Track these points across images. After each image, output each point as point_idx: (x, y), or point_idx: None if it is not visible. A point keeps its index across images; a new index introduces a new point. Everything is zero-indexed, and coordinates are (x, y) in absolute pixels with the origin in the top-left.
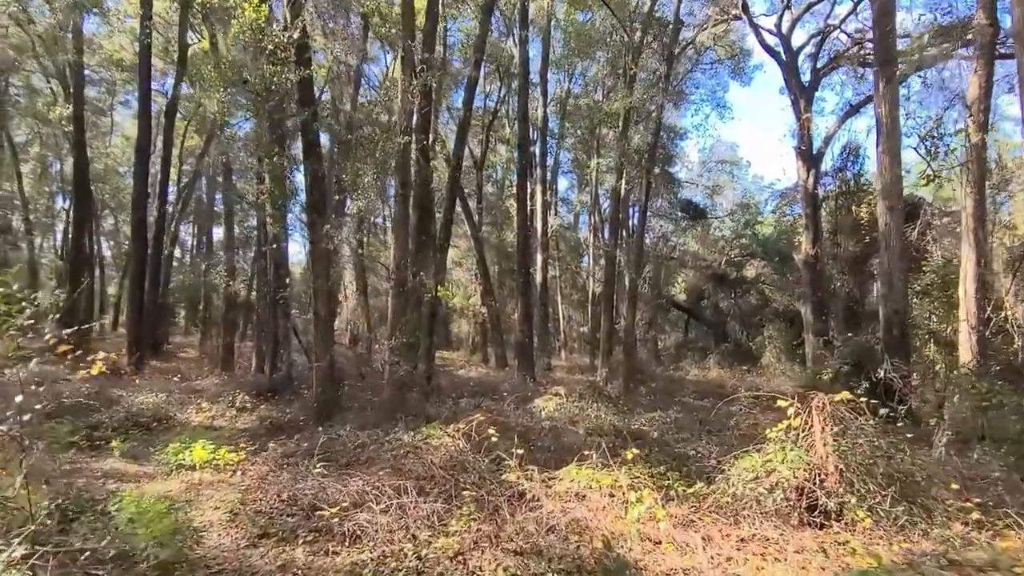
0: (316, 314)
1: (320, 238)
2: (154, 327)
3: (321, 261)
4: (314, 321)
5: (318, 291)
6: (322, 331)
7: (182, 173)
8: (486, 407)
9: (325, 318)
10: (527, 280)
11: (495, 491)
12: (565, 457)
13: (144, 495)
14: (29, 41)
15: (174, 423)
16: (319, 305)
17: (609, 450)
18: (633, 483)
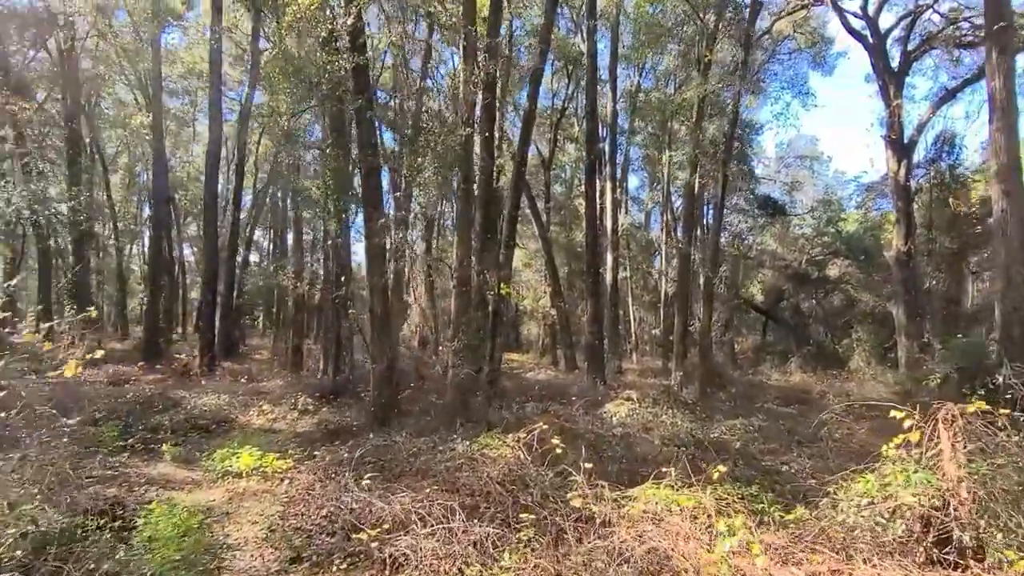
0: (372, 313)
1: (375, 232)
2: (229, 329)
3: (376, 257)
4: (370, 320)
5: (374, 288)
6: (379, 331)
7: (257, 180)
8: (553, 412)
9: (382, 317)
10: (597, 280)
11: (559, 512)
12: (639, 470)
13: (179, 506)
14: (115, 54)
15: (234, 425)
16: (375, 303)
17: (689, 463)
18: (720, 506)
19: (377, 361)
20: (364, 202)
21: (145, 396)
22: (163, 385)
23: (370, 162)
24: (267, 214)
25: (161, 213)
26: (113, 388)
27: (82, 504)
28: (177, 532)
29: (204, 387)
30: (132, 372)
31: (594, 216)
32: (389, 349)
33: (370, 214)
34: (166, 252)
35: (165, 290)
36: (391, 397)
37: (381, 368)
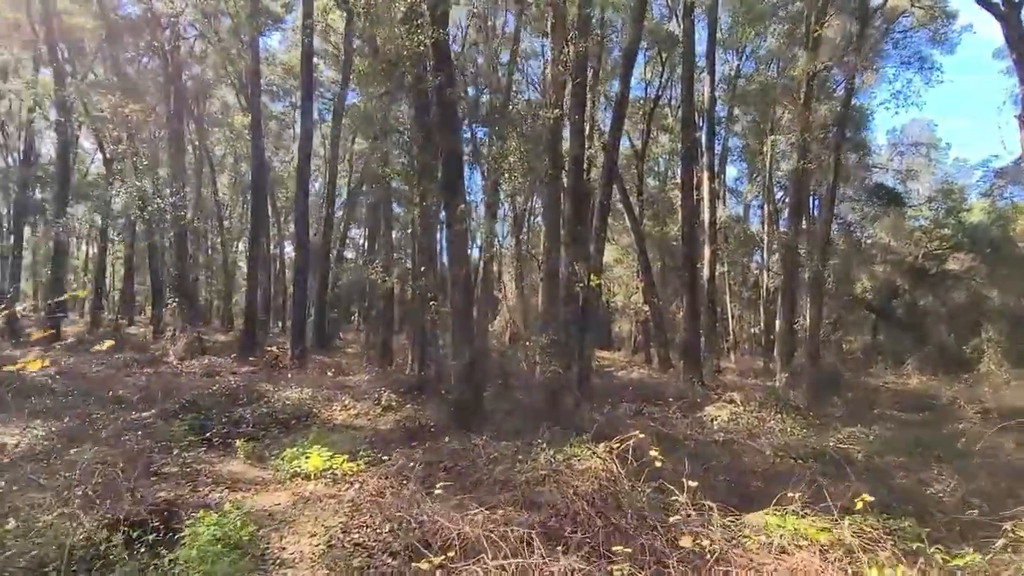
0: (453, 306)
1: (455, 219)
2: (321, 323)
3: (457, 246)
4: (451, 313)
5: (455, 280)
6: (460, 325)
7: (352, 179)
8: (648, 415)
9: (463, 309)
10: (694, 275)
11: (659, 538)
12: (750, 485)
13: (233, 514)
14: (217, 56)
15: (315, 421)
16: (456, 296)
17: (810, 482)
18: (863, 542)
19: (458, 357)
20: (443, 187)
21: (231, 388)
22: (252, 377)
23: (450, 143)
24: (361, 211)
25: (259, 209)
26: (206, 380)
27: (124, 510)
28: (223, 547)
29: (291, 380)
30: (226, 364)
31: (691, 207)
32: (471, 345)
33: (449, 200)
34: (264, 248)
35: (263, 285)
36: (473, 396)
37: (462, 365)
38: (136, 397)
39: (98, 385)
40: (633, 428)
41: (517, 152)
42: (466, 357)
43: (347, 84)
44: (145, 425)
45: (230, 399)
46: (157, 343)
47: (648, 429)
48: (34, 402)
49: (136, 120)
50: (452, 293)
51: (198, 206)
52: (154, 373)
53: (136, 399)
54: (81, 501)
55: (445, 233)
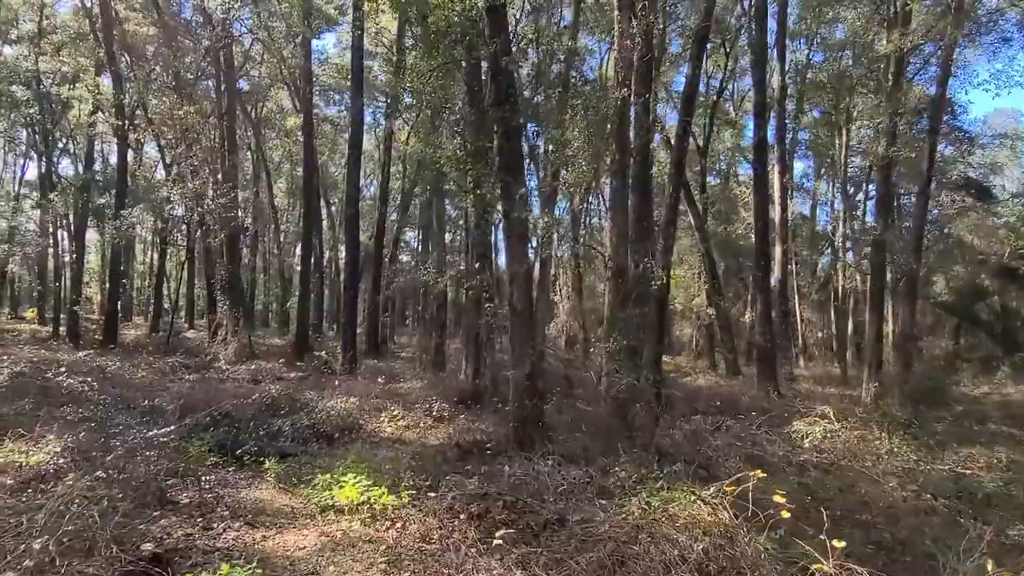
0: (512, 307)
1: (514, 207)
2: (373, 327)
3: (517, 239)
4: (510, 316)
5: (514, 277)
6: (519, 329)
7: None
8: (728, 430)
9: (522, 311)
10: (767, 274)
11: None
12: (883, 531)
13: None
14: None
15: (360, 434)
16: (516, 295)
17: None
18: None
19: (517, 366)
20: (501, 170)
21: (273, 397)
22: (299, 384)
23: (507, 120)
24: (415, 213)
25: (312, 209)
26: (251, 386)
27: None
28: None
29: (339, 387)
30: (275, 369)
31: (765, 201)
32: (532, 352)
33: (508, 185)
34: (317, 249)
35: (316, 288)
36: (534, 411)
37: (522, 374)
38: (172, 406)
39: (138, 392)
40: (718, 447)
41: (583, 136)
42: (526, 366)
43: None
44: (167, 441)
45: (270, 409)
46: (211, 347)
47: (733, 449)
48: (64, 412)
49: (191, 121)
50: (510, 293)
51: (255, 210)
52: (199, 379)
53: (171, 408)
54: (34, 562)
55: (502, 225)
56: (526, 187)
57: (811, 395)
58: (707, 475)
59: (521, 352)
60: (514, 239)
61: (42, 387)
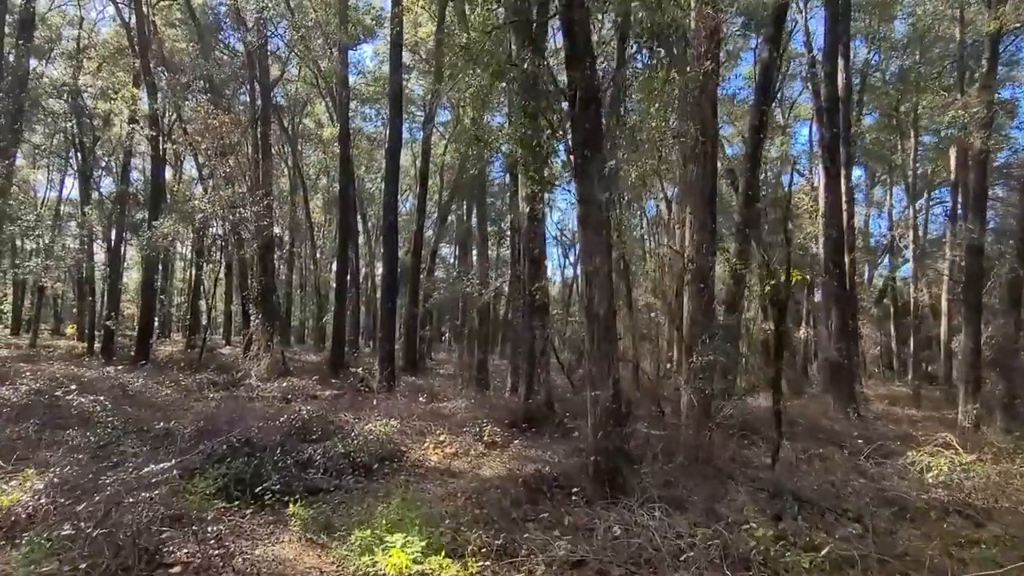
0: (590, 312)
1: (593, 190)
2: (411, 342)
3: (594, 228)
4: (587, 326)
5: (592, 275)
6: (601, 339)
7: (442, 195)
8: (830, 460)
9: (605, 317)
10: (843, 284)
11: None
12: None
13: None
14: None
15: (403, 463)
16: (596, 298)
17: None
18: None
19: (599, 386)
20: (576, 145)
21: (303, 420)
22: (334, 403)
23: (585, 79)
24: (452, 228)
25: (347, 221)
26: (281, 406)
27: None
28: None
29: (377, 407)
30: (309, 387)
31: (839, 204)
32: (614, 370)
33: (585, 163)
34: (353, 263)
35: (353, 303)
36: (620, 445)
37: (606, 396)
38: (190, 429)
39: (157, 412)
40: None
41: (660, 115)
42: (610, 385)
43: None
44: (168, 478)
45: (300, 433)
46: (243, 364)
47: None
48: (70, 435)
49: (225, 129)
50: (590, 297)
51: (291, 225)
52: (227, 397)
53: (189, 432)
54: None
55: (576, 212)
56: (607, 164)
57: (892, 417)
58: (861, 528)
59: (602, 368)
60: (591, 229)
61: (50, 406)
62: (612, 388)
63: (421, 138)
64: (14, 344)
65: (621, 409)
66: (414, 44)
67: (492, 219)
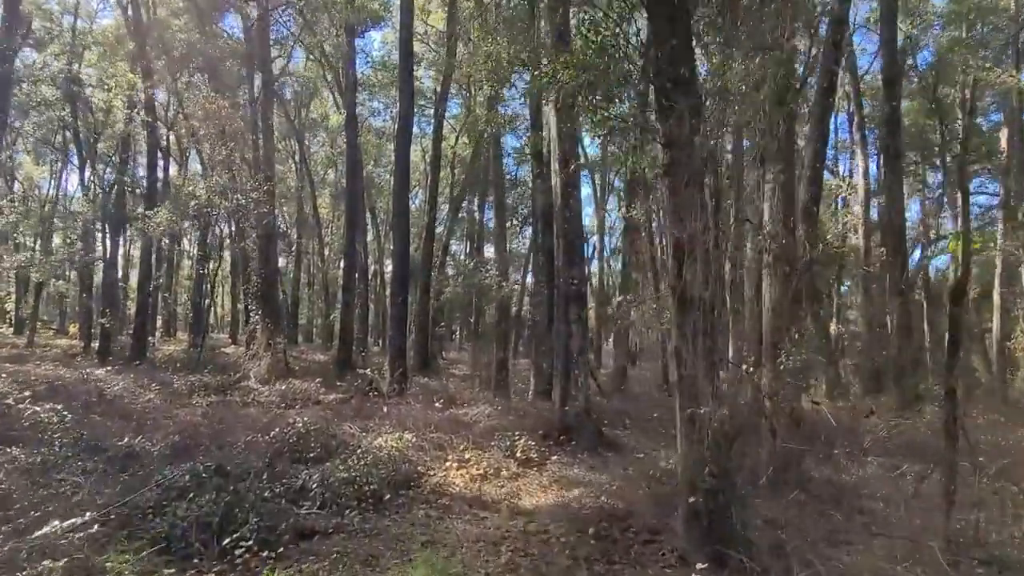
0: (685, 300)
1: (683, 131)
2: (423, 341)
3: (687, 182)
4: (675, 312)
5: (686, 247)
6: (702, 336)
7: (453, 187)
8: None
9: (704, 301)
10: (904, 276)
11: None
12: None
13: None
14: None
15: (422, 491)
16: (691, 279)
17: None
18: None
19: (700, 399)
20: (658, 71)
21: (300, 433)
22: (339, 410)
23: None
24: (463, 222)
25: (355, 213)
26: (281, 411)
27: None
28: None
29: (388, 415)
30: (312, 390)
31: (900, 186)
32: (715, 376)
33: (672, 92)
34: (361, 257)
35: (359, 298)
36: (731, 481)
37: (713, 416)
38: (163, 444)
39: (132, 422)
40: None
41: (745, 63)
42: (713, 398)
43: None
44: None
45: (294, 450)
46: (243, 364)
47: None
48: (14, 454)
49: (224, 113)
50: (677, 272)
51: (299, 221)
52: (219, 403)
53: (160, 449)
54: None
55: (660, 159)
56: (700, 98)
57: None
58: None
59: (704, 373)
60: (681, 181)
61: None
62: (717, 403)
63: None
64: (11, 344)
65: (731, 433)
66: (423, 34)
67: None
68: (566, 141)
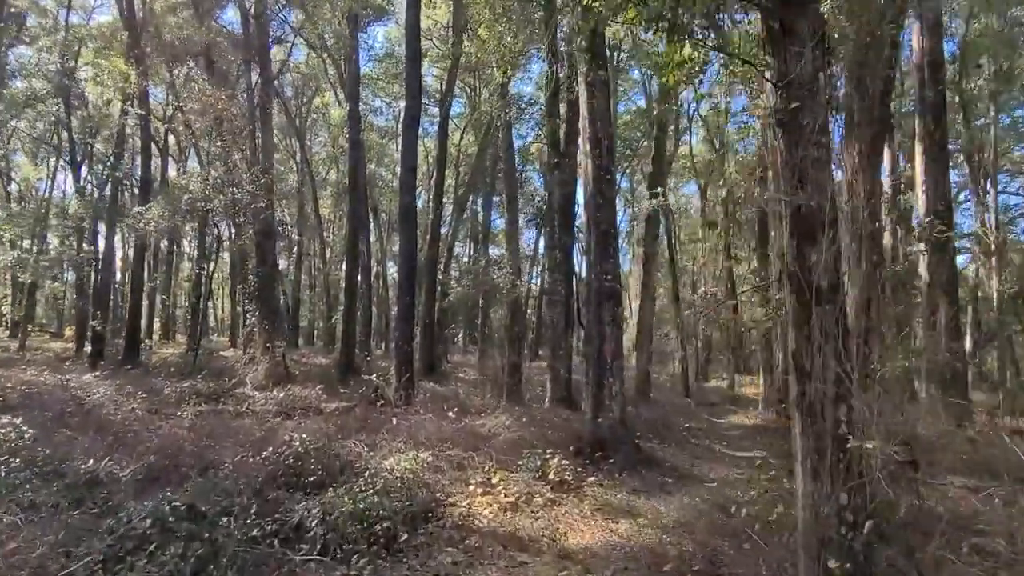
0: (798, 282)
1: (805, 65)
2: (430, 344)
3: (810, 130)
4: (797, 311)
5: (801, 221)
6: (831, 335)
7: (458, 184)
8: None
9: (826, 299)
10: (952, 271)
11: None
12: None
13: None
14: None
15: (442, 526)
16: (816, 262)
17: None
18: None
19: (828, 423)
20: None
21: (297, 453)
22: (341, 420)
23: None
24: (467, 223)
25: (357, 210)
26: (279, 422)
27: None
28: None
29: (397, 427)
30: (313, 397)
31: (945, 171)
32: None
33: (787, 14)
34: (364, 257)
35: (362, 299)
36: (874, 529)
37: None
38: (136, 467)
39: (108, 436)
40: None
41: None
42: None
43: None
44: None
45: (291, 474)
46: (241, 369)
47: None
48: None
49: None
50: (798, 252)
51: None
52: (210, 412)
53: (130, 475)
54: None
55: (773, 104)
56: (823, 21)
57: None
58: None
59: (823, 387)
60: (802, 132)
61: None
62: (858, 428)
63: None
64: (3, 347)
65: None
66: (426, 29)
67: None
68: (599, 119)
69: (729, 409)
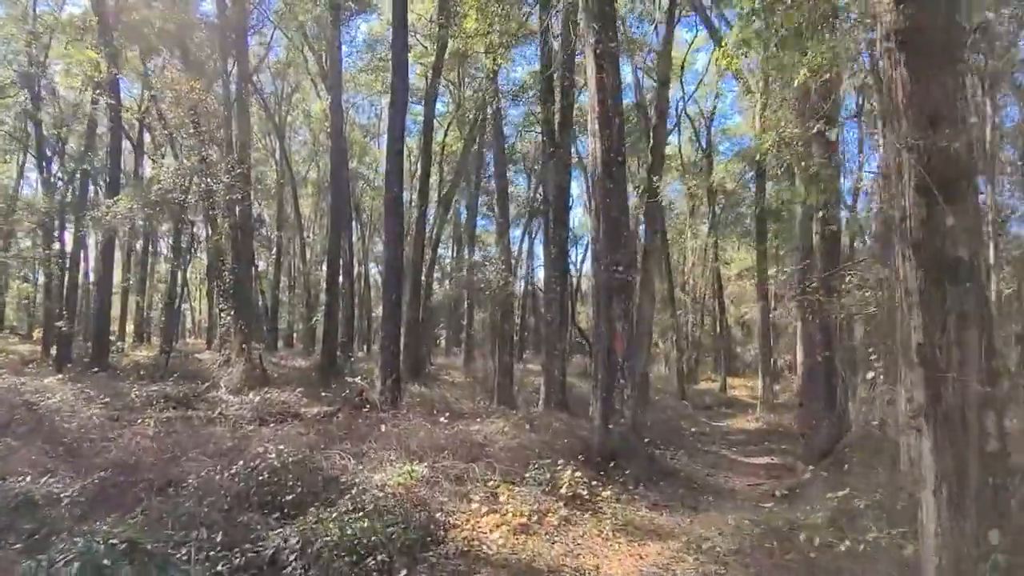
0: (937, 262)
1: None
2: (415, 345)
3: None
4: (927, 290)
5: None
6: (972, 325)
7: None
8: None
9: (963, 274)
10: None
11: None
12: None
13: None
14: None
15: (446, 555)
16: (950, 228)
17: None
18: None
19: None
20: None
21: (273, 467)
22: (323, 427)
23: None
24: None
25: (339, 206)
26: (253, 430)
27: None
28: None
29: (384, 433)
30: (293, 401)
31: None
32: None
33: None
34: (346, 256)
35: (344, 298)
36: None
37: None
38: (82, 484)
39: (58, 448)
40: None
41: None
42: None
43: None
44: None
45: (265, 492)
46: (215, 372)
47: None
48: None
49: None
50: (919, 216)
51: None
52: (178, 419)
53: (74, 494)
54: None
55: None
56: None
57: None
58: None
59: (966, 395)
60: (930, 57)
61: None
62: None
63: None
64: None
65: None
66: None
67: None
68: (609, 96)
69: (726, 412)
